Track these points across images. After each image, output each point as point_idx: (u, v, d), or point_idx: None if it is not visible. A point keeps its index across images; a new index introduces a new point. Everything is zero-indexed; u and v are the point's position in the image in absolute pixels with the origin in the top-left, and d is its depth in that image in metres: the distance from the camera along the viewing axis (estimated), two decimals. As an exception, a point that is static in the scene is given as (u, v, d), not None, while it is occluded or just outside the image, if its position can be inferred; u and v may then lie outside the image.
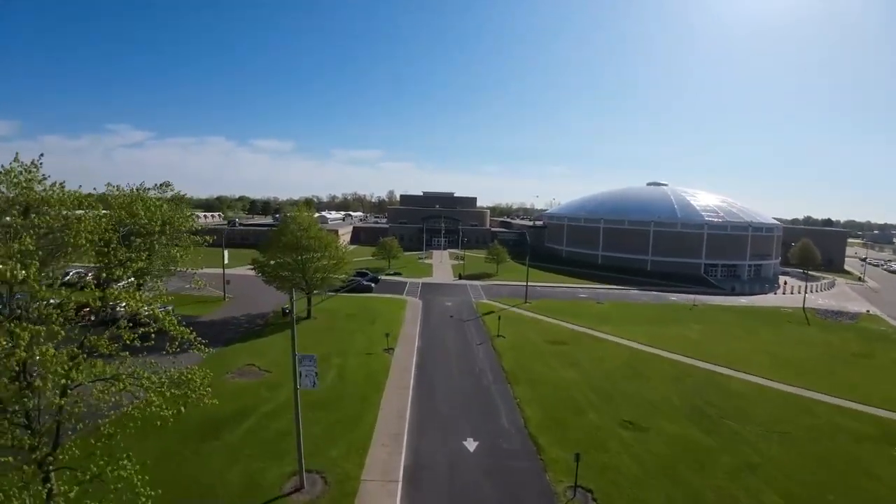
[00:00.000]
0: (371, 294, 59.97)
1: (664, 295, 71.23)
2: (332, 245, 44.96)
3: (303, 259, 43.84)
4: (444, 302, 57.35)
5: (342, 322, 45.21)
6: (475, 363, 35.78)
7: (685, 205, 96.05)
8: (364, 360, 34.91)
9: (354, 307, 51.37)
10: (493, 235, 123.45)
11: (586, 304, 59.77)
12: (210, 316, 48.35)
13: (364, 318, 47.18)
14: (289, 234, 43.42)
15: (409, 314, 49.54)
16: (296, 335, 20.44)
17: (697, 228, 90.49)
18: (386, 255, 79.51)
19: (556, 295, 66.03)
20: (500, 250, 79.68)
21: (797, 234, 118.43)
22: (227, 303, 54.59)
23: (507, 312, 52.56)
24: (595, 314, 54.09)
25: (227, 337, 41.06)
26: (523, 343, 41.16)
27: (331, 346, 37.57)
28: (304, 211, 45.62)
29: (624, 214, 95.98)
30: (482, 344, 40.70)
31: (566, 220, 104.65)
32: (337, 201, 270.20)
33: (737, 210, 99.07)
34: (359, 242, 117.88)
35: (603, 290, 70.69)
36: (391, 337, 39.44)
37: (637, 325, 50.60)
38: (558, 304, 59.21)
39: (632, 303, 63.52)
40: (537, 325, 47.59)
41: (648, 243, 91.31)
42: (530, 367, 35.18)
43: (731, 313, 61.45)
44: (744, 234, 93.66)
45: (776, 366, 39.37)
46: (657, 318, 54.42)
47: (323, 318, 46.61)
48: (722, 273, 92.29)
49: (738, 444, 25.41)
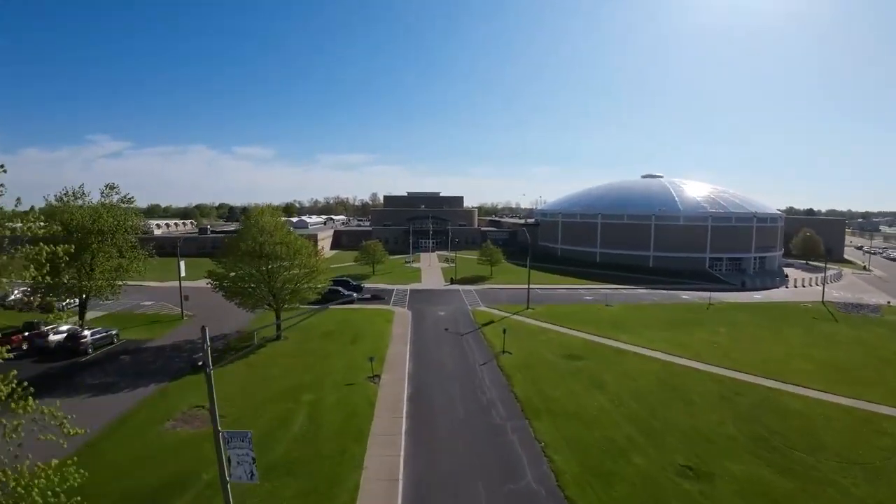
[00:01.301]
0: (352, 305, 52.86)
1: (674, 293, 65.57)
2: (303, 251, 37.91)
3: (268, 269, 36.74)
4: (437, 311, 50.60)
5: (317, 342, 38.13)
6: (481, 391, 29.07)
7: (686, 196, 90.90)
8: (343, 395, 27.94)
9: (332, 322, 44.29)
10: (483, 235, 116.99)
11: (594, 308, 53.58)
12: (161, 340, 40.91)
13: (344, 335, 40.16)
14: (250, 239, 36.31)
15: (398, 329, 42.64)
16: (214, 401, 13.47)
17: (701, 221, 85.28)
18: (369, 260, 72.37)
19: (558, 298, 59.77)
20: (494, 251, 73.21)
21: (793, 224, 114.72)
22: (185, 322, 47.08)
23: (509, 321, 46.06)
24: (607, 320, 47.88)
25: (177, 367, 33.85)
26: (534, 360, 34.64)
27: (302, 377, 30.53)
28: (269, 212, 38.40)
29: (622, 208, 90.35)
30: (486, 363, 34.05)
31: (560, 217, 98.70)
32: (320, 206, 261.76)
33: (739, 200, 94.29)
34: (340, 247, 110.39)
35: (608, 291, 64.66)
36: (377, 360, 32.57)
37: (657, 330, 44.60)
38: (564, 308, 52.92)
39: (643, 304, 57.58)
40: (546, 336, 41.13)
41: (650, 238, 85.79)
42: (548, 394, 28.63)
43: (750, 311, 55.98)
44: (748, 226, 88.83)
45: (822, 373, 34.30)
46: (676, 322, 48.47)
47: (294, 337, 39.48)
48: (727, 267, 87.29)
49: (821, 486, 20.03)
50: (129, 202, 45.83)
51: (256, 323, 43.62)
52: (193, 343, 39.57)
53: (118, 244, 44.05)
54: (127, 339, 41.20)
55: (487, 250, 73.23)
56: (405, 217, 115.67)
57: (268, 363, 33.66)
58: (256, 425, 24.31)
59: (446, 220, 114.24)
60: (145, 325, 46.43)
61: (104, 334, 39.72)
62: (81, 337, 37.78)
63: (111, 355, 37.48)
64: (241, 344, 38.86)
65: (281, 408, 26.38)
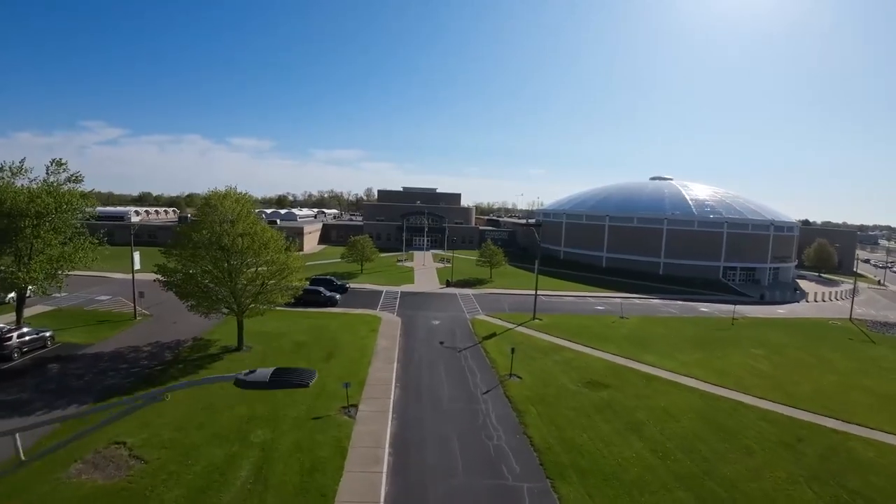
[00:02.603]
0: (334, 309, 46.21)
1: (692, 305, 59.62)
2: (272, 245, 31.28)
3: (229, 266, 30.11)
4: (431, 320, 44.06)
5: (284, 356, 31.51)
6: (486, 433, 22.66)
7: (700, 200, 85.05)
8: (306, 435, 21.43)
9: (307, 331, 37.69)
10: (481, 234, 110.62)
11: (608, 320, 47.37)
12: (102, 345, 34.22)
13: (318, 348, 33.57)
14: (205, 228, 29.66)
15: (384, 341, 36.06)
16: None
17: (716, 227, 79.45)
18: (357, 258, 65.65)
19: (566, 307, 53.52)
20: (495, 251, 66.74)
21: (803, 234, 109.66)
22: (137, 323, 40.36)
23: (515, 334, 39.78)
24: (627, 336, 41.69)
25: (109, 384, 27.25)
26: (549, 388, 28.31)
27: (257, 404, 23.98)
28: (232, 197, 31.64)
29: (632, 211, 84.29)
30: (491, 391, 27.66)
31: (565, 218, 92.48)
32: (313, 199, 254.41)
33: (754, 206, 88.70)
34: (329, 242, 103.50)
35: (619, 300, 58.58)
36: (354, 384, 26.11)
37: (685, 350, 38.57)
38: (575, 320, 46.63)
39: (660, 317, 51.49)
40: (560, 356, 34.81)
41: (661, 243, 79.84)
42: (573, 439, 22.32)
43: (779, 329, 50.24)
44: (765, 234, 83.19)
45: (887, 409, 29.05)
46: (704, 340, 42.48)
47: (258, 349, 32.90)
48: (741, 277, 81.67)
49: None
50: (76, 180, 39.02)
51: (221, 328, 37.03)
52: (138, 351, 32.97)
53: (60, 229, 37.42)
54: (63, 343, 34.53)
55: (487, 251, 66.79)
56: (399, 213, 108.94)
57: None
58: (182, 481, 17.84)
59: (443, 218, 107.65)
60: (91, 325, 39.68)
61: (35, 336, 33.05)
62: (5, 339, 31.13)
63: (39, 362, 30.88)
64: (194, 355, 32.32)
65: (222, 452, 19.86)
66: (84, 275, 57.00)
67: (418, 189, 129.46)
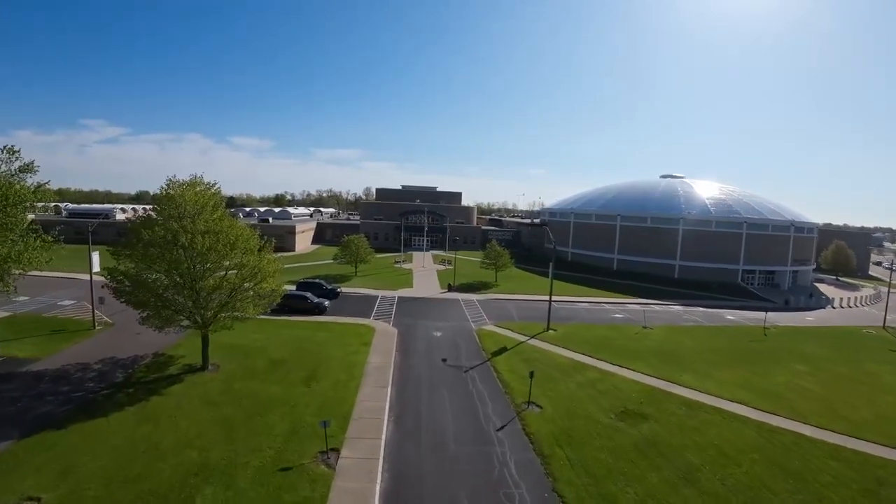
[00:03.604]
0: (323, 317, 41.09)
1: (715, 312, 54.73)
2: (240, 244, 26.18)
3: (190, 269, 25.06)
4: (431, 330, 38.96)
5: (256, 380, 26.38)
6: (507, 493, 17.54)
7: (717, 199, 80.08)
8: (270, 495, 16.38)
9: (288, 344, 32.60)
10: (483, 234, 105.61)
11: (631, 331, 42.38)
12: (49, 361, 29.35)
13: (299, 367, 28.46)
14: (158, 225, 24.63)
15: (377, 358, 30.96)
16: None
17: (735, 227, 74.58)
18: (351, 259, 60.52)
19: (581, 315, 48.49)
20: (501, 252, 61.66)
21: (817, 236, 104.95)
22: (96, 333, 35.41)
23: (528, 349, 34.80)
24: (654, 350, 36.74)
25: (42, 412, 22.42)
26: (577, 422, 23.29)
27: (212, 448, 18.94)
28: (194, 188, 26.51)
29: (645, 210, 79.31)
30: (506, 426, 22.62)
31: (573, 217, 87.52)
32: (312, 198, 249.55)
33: (773, 206, 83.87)
34: (323, 242, 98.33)
35: (638, 307, 53.64)
36: (338, 416, 21.12)
37: (722, 367, 33.71)
38: (594, 331, 41.58)
39: (686, 326, 46.53)
40: (583, 376, 29.78)
41: (677, 244, 74.88)
42: (615, 496, 17.34)
43: (814, 339, 45.55)
44: (785, 235, 78.39)
45: None
46: (740, 354, 37.62)
47: (227, 368, 27.85)
48: (759, 281, 76.86)
49: None
50: (28, 170, 34.01)
51: (189, 341, 31.98)
52: (86, 370, 27.99)
53: (8, 227, 32.45)
54: (5, 358, 29.67)
55: (492, 252, 61.66)
56: (398, 211, 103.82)
57: (172, 413, 22.09)
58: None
59: (443, 217, 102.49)
60: (44, 335, 34.68)
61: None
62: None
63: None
64: (149, 376, 27.29)
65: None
66: (52, 276, 52.10)
67: (418, 187, 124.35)
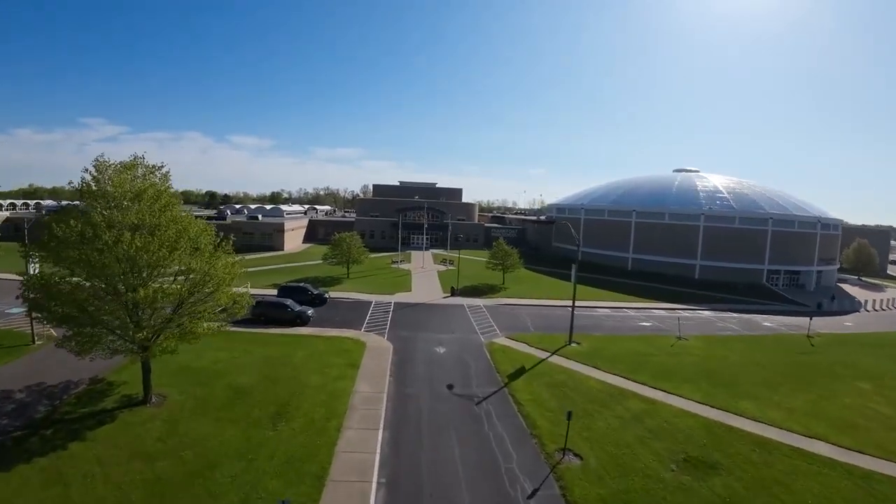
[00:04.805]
0: (305, 329, 34.96)
1: (751, 318, 48.96)
2: (182, 243, 20.06)
3: (123, 278, 19.02)
4: (434, 345, 32.81)
5: (209, 418, 20.28)
6: None
7: (740, 194, 74.22)
8: None
9: (256, 367, 26.39)
10: (487, 232, 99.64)
11: (665, 343, 36.47)
12: (-47, 390, 23.20)
13: (265, 400, 22.32)
14: (75, 218, 18.55)
15: (366, 385, 24.85)
16: None
17: (761, 224, 68.77)
18: (342, 259, 54.41)
19: (603, 324, 42.44)
20: (509, 252, 55.63)
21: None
22: (34, 350, 29.50)
23: (551, 369, 28.82)
24: (698, 367, 30.84)
25: None
26: (633, 481, 17.31)
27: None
28: (132, 171, 20.44)
29: (663, 205, 73.37)
30: (539, 490, 16.60)
31: (583, 213, 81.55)
32: (310, 196, 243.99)
33: (797, 202, 78.18)
34: (316, 240, 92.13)
35: (664, 313, 47.85)
36: (311, 478, 15.16)
37: (781, 389, 28.02)
38: (622, 343, 35.52)
39: (722, 336, 40.67)
40: (625, 407, 23.82)
41: (697, 243, 69.02)
42: None
43: (862, 349, 40.28)
44: (812, 233, 72.72)
45: None
46: (793, 371, 31.93)
47: (175, 400, 21.81)
48: (784, 281, 71.15)
49: None
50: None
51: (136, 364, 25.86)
52: (6, 399, 22.14)
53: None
54: None
55: (500, 251, 55.62)
56: (395, 208, 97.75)
57: (90, 471, 16.14)
58: None
59: (444, 213, 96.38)
60: (-32, 352, 28.70)
61: None
62: None
63: None
64: (78, 410, 21.29)
65: None
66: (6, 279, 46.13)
67: (417, 183, 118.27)
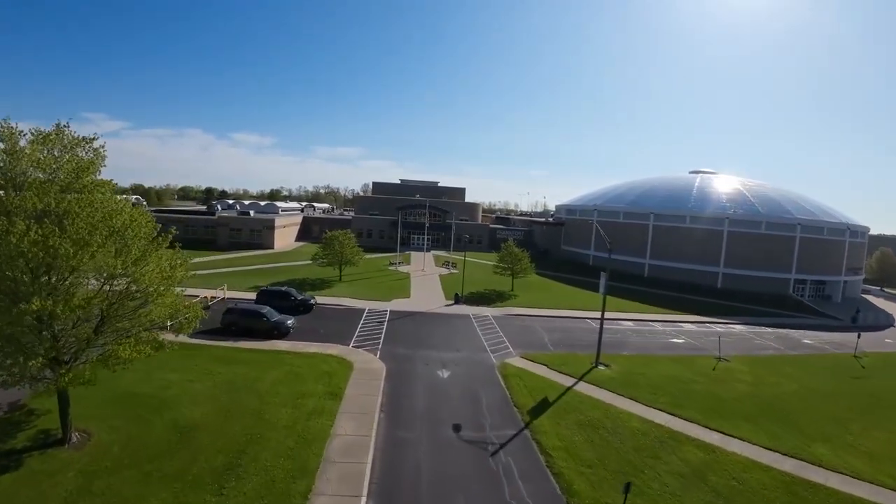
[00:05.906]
0: (283, 343, 29.69)
1: (787, 334, 43.94)
2: (98, 238, 14.92)
3: (32, 277, 13.97)
4: (436, 368, 27.42)
5: (137, 470, 15.08)
6: None
7: (764, 197, 69.11)
8: None
9: (213, 394, 21.07)
10: (492, 233, 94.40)
11: (706, 366, 31.28)
12: None
13: (214, 445, 17.04)
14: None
15: (348, 423, 19.54)
16: None
17: (788, 230, 63.67)
18: (334, 260, 49.20)
19: (630, 340, 37.23)
20: (520, 255, 50.42)
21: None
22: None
23: (580, 401, 23.65)
24: (753, 399, 25.72)
25: None
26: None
27: None
28: (51, 143, 15.39)
29: (683, 208, 68.28)
30: None
31: (596, 215, 76.33)
32: (309, 194, 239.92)
33: (822, 205, 73.23)
34: (310, 239, 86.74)
35: (695, 328, 42.88)
36: None
37: (851, 426, 23.44)
38: (658, 367, 30.13)
39: (767, 357, 35.58)
40: (680, 458, 18.67)
41: (721, 249, 63.91)
42: None
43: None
44: (840, 241, 67.73)
45: None
46: (857, 402, 27.23)
47: (101, 440, 16.67)
48: (810, 291, 66.08)
49: None
50: None
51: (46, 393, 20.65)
52: None
53: None
54: None
55: (509, 254, 50.43)
56: (396, 207, 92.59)
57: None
58: None
59: (447, 213, 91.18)
60: None
61: None
62: None
63: None
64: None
65: None
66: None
67: (418, 182, 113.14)
